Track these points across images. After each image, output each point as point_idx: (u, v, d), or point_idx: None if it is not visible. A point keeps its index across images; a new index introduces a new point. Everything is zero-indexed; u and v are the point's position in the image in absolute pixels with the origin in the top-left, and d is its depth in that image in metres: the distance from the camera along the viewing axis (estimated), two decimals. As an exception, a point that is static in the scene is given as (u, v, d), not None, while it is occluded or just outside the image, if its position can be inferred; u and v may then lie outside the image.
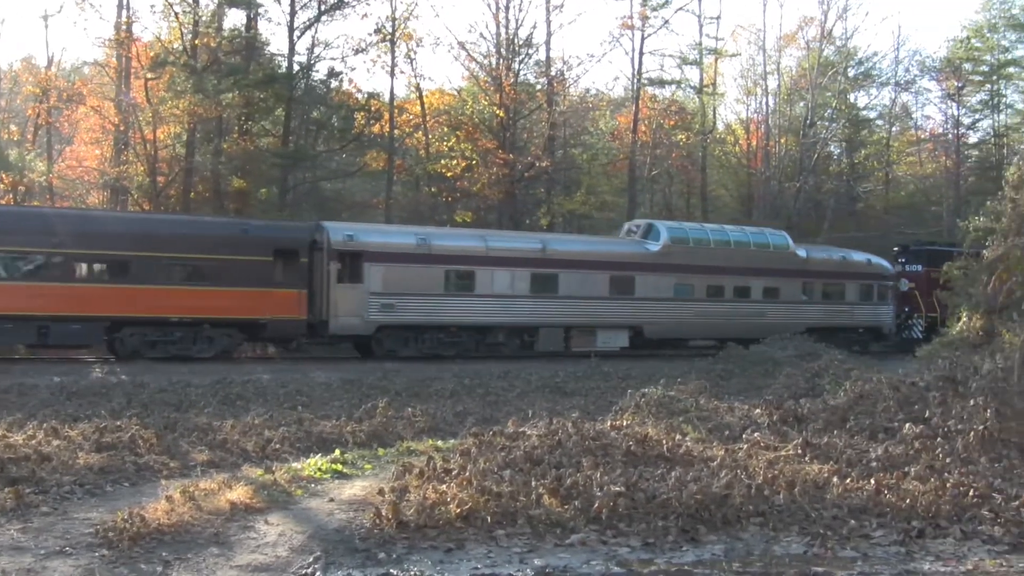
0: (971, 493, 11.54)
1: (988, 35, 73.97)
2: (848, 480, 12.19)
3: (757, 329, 41.46)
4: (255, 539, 10.19)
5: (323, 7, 52.76)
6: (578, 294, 39.49)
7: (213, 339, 33.66)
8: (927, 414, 15.78)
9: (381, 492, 11.52)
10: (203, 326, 33.45)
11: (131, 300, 31.94)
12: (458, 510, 10.55)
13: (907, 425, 15.14)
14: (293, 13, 51.59)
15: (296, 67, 52.53)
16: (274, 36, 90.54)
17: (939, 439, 14.42)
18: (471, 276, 38.02)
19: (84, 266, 32.57)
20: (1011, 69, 74.91)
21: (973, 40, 74.47)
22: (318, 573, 9.14)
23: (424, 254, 36.96)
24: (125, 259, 32.29)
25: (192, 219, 40.06)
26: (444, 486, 11.41)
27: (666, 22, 63.68)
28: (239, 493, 11.78)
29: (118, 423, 16.65)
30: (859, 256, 46.95)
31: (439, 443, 16.64)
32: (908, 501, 11.31)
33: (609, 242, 44.60)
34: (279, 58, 53.46)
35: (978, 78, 75.88)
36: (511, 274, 38.51)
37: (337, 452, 15.41)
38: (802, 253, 45.74)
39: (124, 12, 51.56)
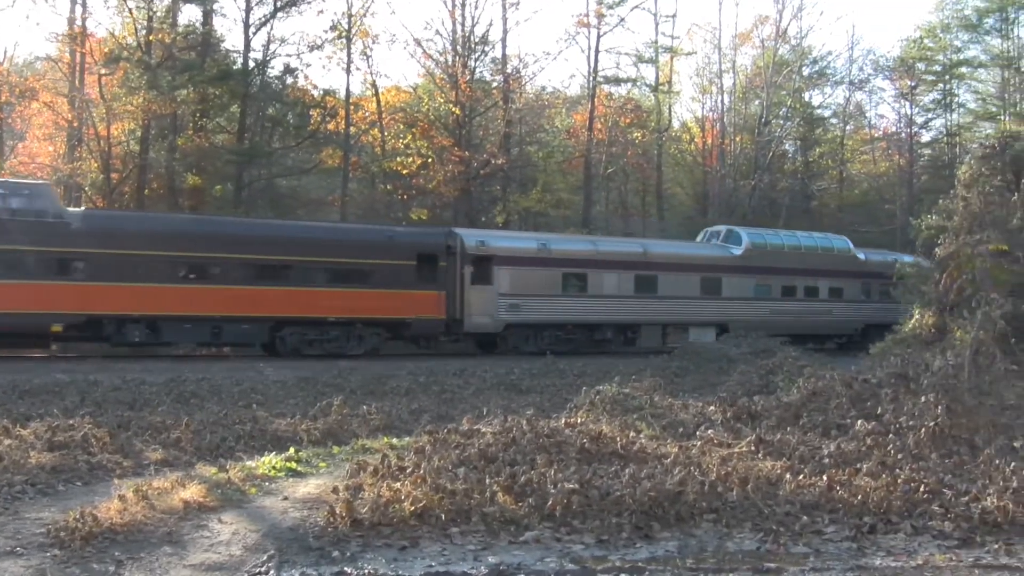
0: (922, 489, 11.61)
1: (941, 35, 74.78)
2: (801, 476, 12.23)
3: (825, 326, 46.90)
4: (208, 538, 10.14)
5: (279, 3, 52.62)
6: (674, 294, 43.09)
7: (363, 337, 36.82)
8: (879, 411, 15.93)
9: (335, 490, 11.49)
10: (355, 325, 36.58)
11: (293, 302, 35.15)
12: (412, 508, 10.53)
13: (859, 422, 15.27)
14: (248, 9, 51.54)
15: (251, 63, 52.45)
16: (229, 32, 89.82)
17: (891, 435, 14.55)
18: (584, 278, 41.50)
19: (252, 270, 35.06)
20: (963, 69, 75.80)
21: (926, 40, 75.29)
22: (272, 572, 9.11)
23: (544, 258, 40.63)
24: (288, 264, 35.46)
25: (345, 226, 44.13)
26: (398, 484, 11.39)
27: (622, 20, 64.36)
28: (193, 492, 11.73)
29: (71, 422, 16.46)
30: (907, 258, 48.59)
31: (394, 441, 16.61)
32: (860, 497, 11.37)
33: (698, 246, 47.71)
34: (234, 54, 53.30)
35: (931, 78, 76.72)
36: (618, 276, 42.04)
37: (292, 450, 15.35)
38: (861, 256, 49.35)
39: (78, 7, 51.40)
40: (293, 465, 14.20)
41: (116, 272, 32.51)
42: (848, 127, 79.96)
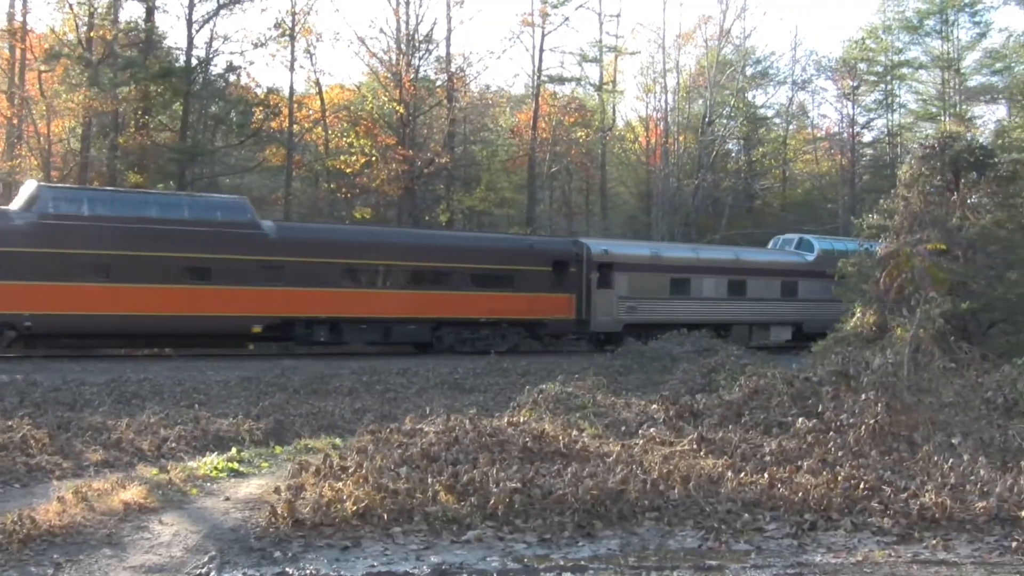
0: (862, 486, 11.71)
1: (882, 36, 75.46)
2: (742, 474, 12.31)
3: None
4: (149, 539, 10.07)
5: (222, 1, 52.21)
6: (759, 296, 46.83)
7: (506, 336, 39.91)
8: (820, 408, 16.06)
9: (277, 490, 11.45)
10: (501, 325, 39.89)
11: (451, 304, 38.88)
12: (354, 508, 10.52)
13: (800, 419, 15.38)
14: (191, 6, 51.16)
15: (194, 61, 52.07)
16: (172, 29, 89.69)
17: (831, 433, 14.68)
18: (687, 282, 44.95)
19: (417, 276, 38.82)
20: (904, 70, 76.47)
21: (868, 41, 75.91)
22: (213, 573, 9.06)
23: (655, 264, 44.00)
24: (447, 270, 39.07)
25: (493, 236, 49.17)
26: (340, 484, 11.37)
27: (566, 19, 64.45)
28: (133, 493, 11.65)
29: (9, 423, 16.28)
30: None
31: (337, 440, 16.58)
32: (801, 494, 11.45)
33: (778, 253, 50.66)
34: (177, 52, 53.05)
35: (872, 78, 77.40)
36: (715, 280, 45.72)
37: (234, 450, 15.25)
38: None
39: (17, 2, 50.96)
40: (235, 465, 14.13)
41: (306, 278, 35.86)
42: (791, 127, 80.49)
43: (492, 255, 40.64)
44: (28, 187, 34.07)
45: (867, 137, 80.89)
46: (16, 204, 33.31)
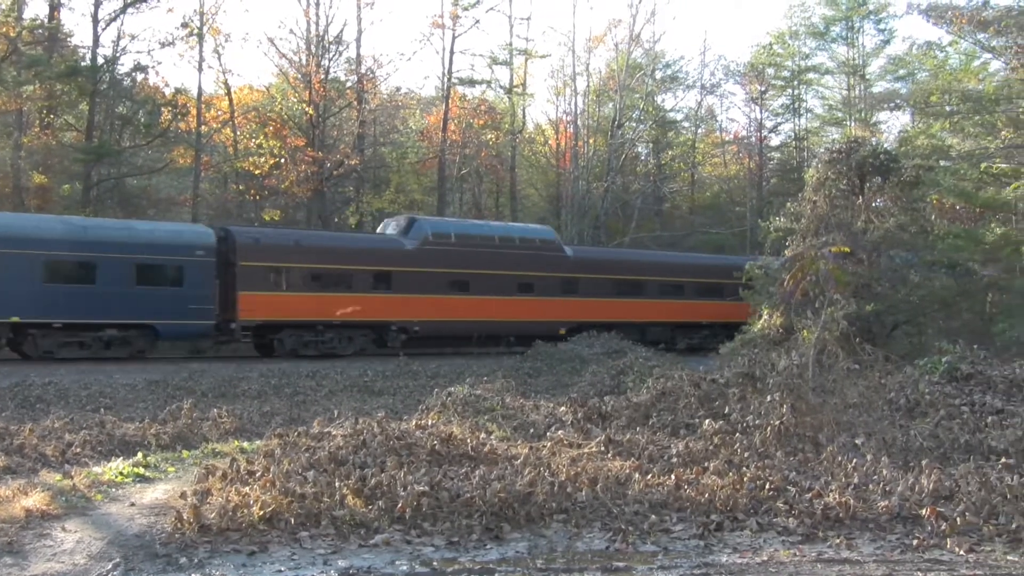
0: (767, 486, 11.81)
1: (789, 42, 76.49)
2: (649, 476, 12.37)
3: None
4: (51, 547, 9.92)
5: (128, -1, 51.62)
6: None
7: (716, 336, 42.34)
8: (727, 410, 16.20)
9: (183, 495, 11.36)
10: (714, 327, 45.69)
11: (684, 311, 47.37)
12: (261, 512, 10.44)
13: (707, 421, 15.49)
14: (98, 4, 50.62)
15: (101, 60, 51.35)
16: (78, 27, 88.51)
17: (738, 434, 14.80)
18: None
19: (662, 288, 47.20)
20: (811, 75, 77.53)
21: (775, 46, 76.79)
22: (117, 579, 8.98)
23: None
24: (682, 284, 47.81)
25: (711, 257, 55.29)
26: (247, 488, 11.30)
27: (477, 22, 64.47)
28: (36, 499, 11.47)
29: (-93, 428, 16.06)
30: None
31: (245, 444, 16.49)
32: (707, 495, 11.52)
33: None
34: (83, 50, 52.32)
35: (780, 83, 78.38)
36: None
37: (140, 455, 15.08)
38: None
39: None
40: (141, 470, 13.98)
41: (591, 291, 44.55)
42: (699, 130, 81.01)
43: (711, 272, 48.40)
44: (399, 218, 43.85)
45: (775, 141, 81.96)
46: (389, 231, 42.48)
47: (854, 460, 13.11)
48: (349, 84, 60.87)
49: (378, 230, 44.42)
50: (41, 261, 32.24)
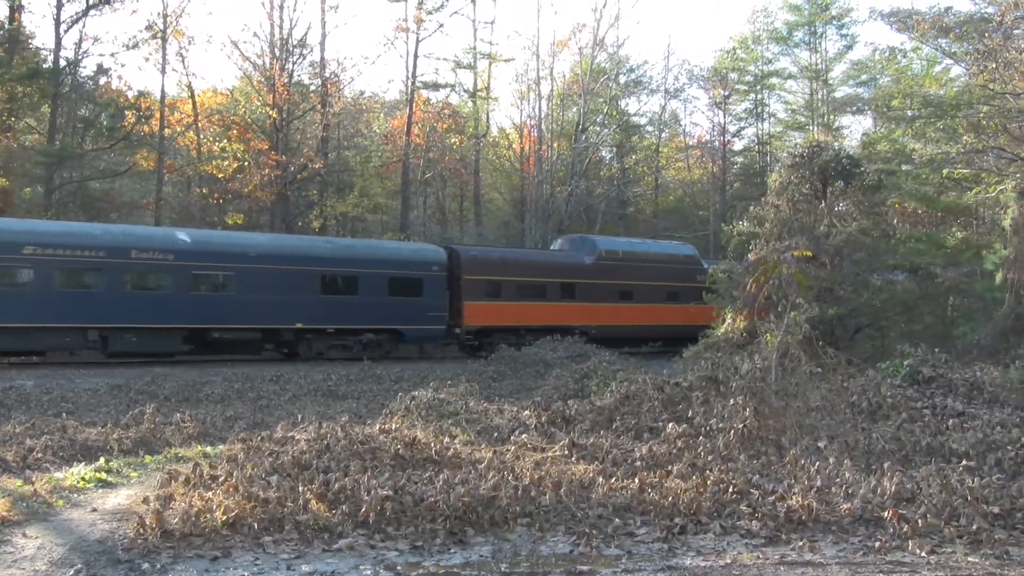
0: (730, 489, 11.85)
1: (753, 47, 76.87)
2: (613, 479, 12.40)
3: None
4: (12, 553, 9.86)
5: (91, 1, 51.28)
6: None
7: None
8: (690, 413, 16.28)
9: (146, 500, 11.31)
10: None
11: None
12: (224, 517, 10.41)
13: (671, 425, 15.55)
14: (60, 6, 50.09)
15: (63, 62, 50.91)
16: (39, 29, 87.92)
17: (701, 438, 14.87)
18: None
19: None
20: (774, 80, 77.95)
21: (739, 51, 77.16)
22: (78, 585, 8.93)
23: None
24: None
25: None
26: (210, 493, 11.27)
27: (441, 26, 64.31)
28: (-4, 505, 11.42)
29: None
30: None
31: (208, 449, 16.44)
32: (671, 499, 11.55)
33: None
34: (44, 52, 51.83)
35: (743, 88, 78.80)
36: None
37: (102, 460, 15.00)
38: None
39: None
40: (103, 476, 13.92)
41: None
42: (663, 135, 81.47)
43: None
44: (574, 236, 50.04)
45: (738, 145, 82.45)
46: (566, 248, 48.44)
47: (817, 463, 13.19)
48: (313, 87, 60.69)
49: (552, 247, 51.36)
50: (319, 276, 37.73)
